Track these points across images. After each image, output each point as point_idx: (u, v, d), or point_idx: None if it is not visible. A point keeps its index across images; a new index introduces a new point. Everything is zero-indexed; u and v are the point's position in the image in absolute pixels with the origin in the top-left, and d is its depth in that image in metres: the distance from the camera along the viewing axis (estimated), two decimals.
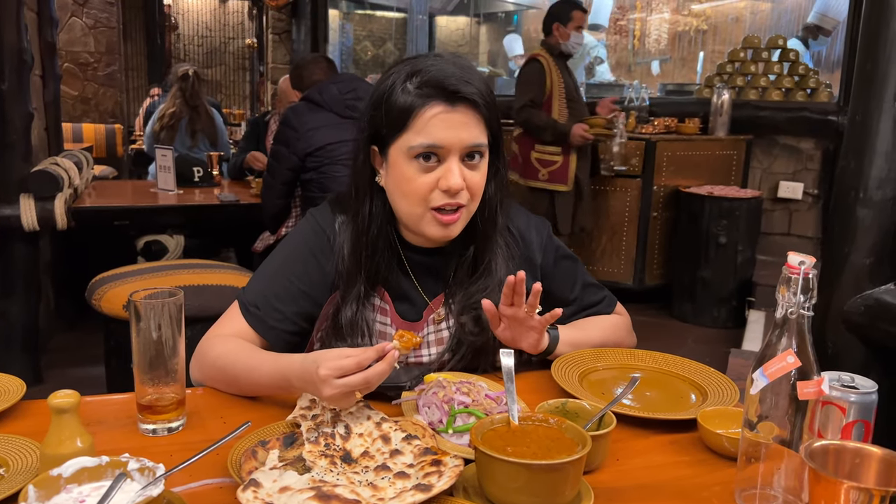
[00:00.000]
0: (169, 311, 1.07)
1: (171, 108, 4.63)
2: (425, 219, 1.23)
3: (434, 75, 1.18)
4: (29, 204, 3.14)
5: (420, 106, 1.18)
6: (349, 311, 1.28)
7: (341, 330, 1.28)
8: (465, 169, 1.21)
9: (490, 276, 1.32)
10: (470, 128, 1.20)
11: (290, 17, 6.85)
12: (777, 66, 5.11)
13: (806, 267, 0.87)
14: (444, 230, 1.23)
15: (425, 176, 1.20)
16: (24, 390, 1.15)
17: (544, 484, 0.86)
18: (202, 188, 4.07)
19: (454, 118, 1.19)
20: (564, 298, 1.44)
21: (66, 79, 6.96)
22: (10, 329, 3.25)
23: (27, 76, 3.24)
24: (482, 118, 1.22)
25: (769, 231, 4.98)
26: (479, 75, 1.23)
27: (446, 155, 1.19)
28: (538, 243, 1.42)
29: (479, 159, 1.23)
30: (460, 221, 1.24)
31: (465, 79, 1.19)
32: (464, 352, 1.32)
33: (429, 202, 1.21)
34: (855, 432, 0.99)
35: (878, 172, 2.33)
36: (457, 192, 1.20)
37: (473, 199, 1.24)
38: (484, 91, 1.21)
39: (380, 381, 1.02)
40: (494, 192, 1.30)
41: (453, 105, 1.19)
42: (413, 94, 1.19)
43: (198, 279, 2.64)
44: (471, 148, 1.20)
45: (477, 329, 1.30)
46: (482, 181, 1.24)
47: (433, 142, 1.18)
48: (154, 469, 0.82)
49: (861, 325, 2.36)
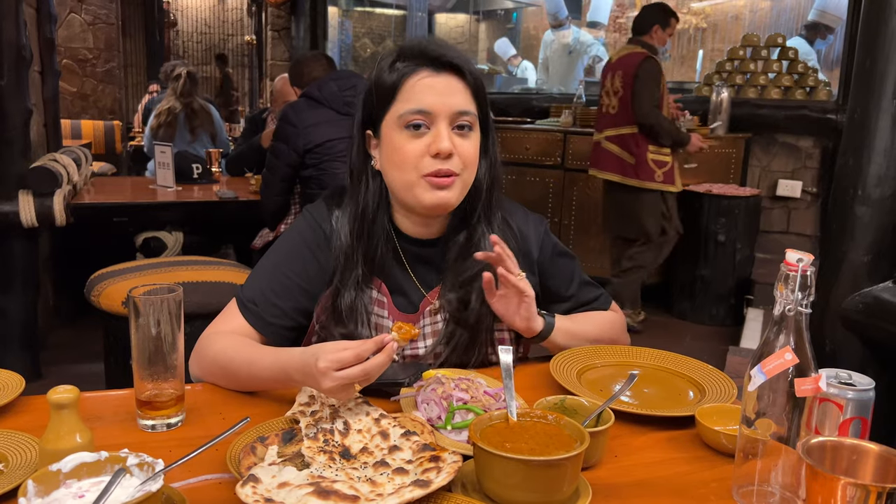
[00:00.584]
0: (168, 308, 1.07)
1: (167, 104, 4.65)
2: (419, 186, 1.23)
3: (416, 46, 1.24)
4: (28, 200, 3.13)
5: (406, 75, 1.22)
6: (348, 297, 1.29)
7: (341, 315, 1.28)
8: (455, 136, 1.23)
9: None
10: (456, 93, 1.22)
11: (290, 14, 6.84)
12: (776, 65, 5.11)
13: (804, 264, 0.87)
14: (437, 194, 1.23)
15: (415, 142, 1.22)
16: (24, 386, 1.15)
17: (542, 480, 0.86)
18: (201, 185, 4.07)
19: (440, 82, 1.22)
20: (561, 294, 1.45)
21: (65, 75, 6.95)
22: (8, 326, 3.25)
23: (26, 72, 3.24)
24: (468, 86, 1.24)
25: (768, 229, 4.99)
26: (462, 52, 1.28)
27: (434, 120, 1.21)
28: (535, 238, 1.42)
29: (469, 130, 1.24)
30: (454, 188, 1.24)
31: (450, 48, 1.25)
32: (456, 342, 1.32)
33: (420, 169, 1.22)
34: (852, 429, 0.99)
35: (877, 170, 2.33)
36: (447, 154, 1.21)
37: (466, 168, 1.25)
38: (468, 62, 1.25)
39: (379, 372, 1.02)
40: (484, 171, 1.32)
41: (437, 71, 1.22)
42: (399, 69, 1.23)
43: (196, 276, 2.64)
44: (459, 114, 1.22)
45: (462, 307, 1.31)
46: (473, 151, 1.26)
47: (421, 106, 1.21)
48: (153, 464, 0.82)
49: (859, 322, 2.36)
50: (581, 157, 4.89)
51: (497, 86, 7.75)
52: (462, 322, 1.31)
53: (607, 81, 4.26)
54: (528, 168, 5.12)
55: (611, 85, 4.23)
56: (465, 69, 1.23)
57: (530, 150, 5.08)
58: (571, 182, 4.98)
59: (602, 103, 4.32)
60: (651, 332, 4.37)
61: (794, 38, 5.56)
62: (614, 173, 4.25)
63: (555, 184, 5.05)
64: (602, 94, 4.32)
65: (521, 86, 7.43)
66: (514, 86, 7.48)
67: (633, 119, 4.11)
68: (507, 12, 9.05)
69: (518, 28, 8.77)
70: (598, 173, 4.37)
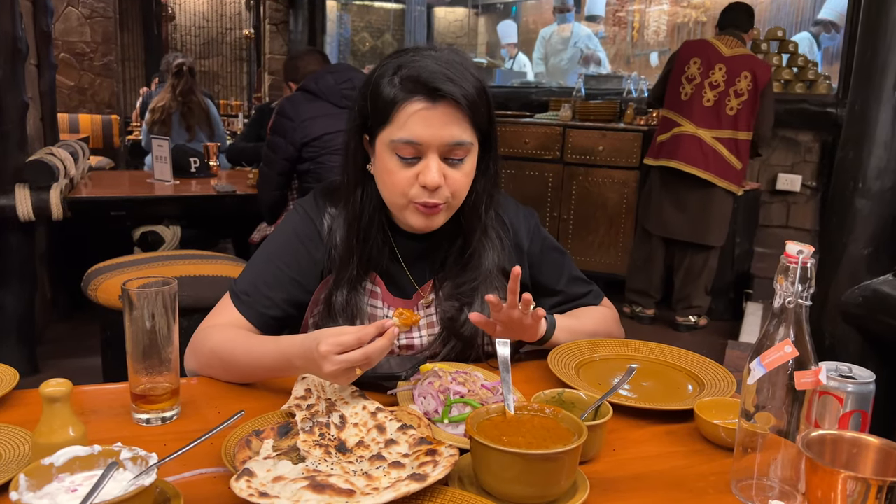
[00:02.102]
0: (163, 301, 1.06)
1: (162, 101, 4.62)
2: (408, 209, 1.25)
3: (417, 71, 1.18)
4: (24, 194, 3.12)
5: (402, 101, 1.19)
6: (340, 296, 1.29)
7: (334, 314, 1.29)
8: (447, 167, 1.21)
9: (478, 269, 1.33)
10: (451, 126, 1.19)
11: (288, 8, 6.82)
12: (776, 58, 5.09)
13: (804, 256, 0.87)
14: (426, 220, 1.25)
15: (406, 170, 1.21)
16: (17, 379, 1.14)
17: (539, 474, 0.85)
18: (199, 178, 4.06)
19: (434, 115, 1.18)
20: (551, 289, 1.46)
21: (62, 69, 6.93)
22: (5, 320, 3.24)
23: (22, 65, 3.22)
24: (466, 117, 1.20)
25: (767, 223, 4.98)
26: (468, 73, 1.21)
27: (425, 151, 1.20)
28: (526, 230, 1.43)
29: (463, 158, 1.22)
30: (442, 214, 1.26)
31: (449, 76, 1.18)
32: (452, 346, 1.33)
33: (409, 196, 1.23)
34: (852, 422, 0.99)
35: (877, 162, 2.32)
36: (434, 188, 1.20)
37: (455, 197, 1.24)
38: (469, 90, 1.19)
39: (380, 356, 1.02)
40: (483, 188, 1.31)
41: (434, 102, 1.18)
42: (397, 88, 1.20)
43: (194, 270, 2.63)
44: (451, 146, 1.20)
45: (462, 320, 1.31)
46: (464, 180, 1.24)
47: (412, 138, 1.19)
48: (147, 458, 0.81)
49: (859, 316, 2.35)
50: (580, 152, 4.88)
51: (496, 79, 7.72)
52: (457, 334, 1.32)
53: (695, 67, 3.97)
54: (527, 162, 5.11)
55: (700, 73, 3.97)
56: (463, 101, 1.19)
57: (529, 145, 5.06)
58: (570, 176, 4.97)
59: (689, 92, 3.98)
60: (650, 327, 4.37)
61: (800, 34, 5.54)
62: (717, 176, 3.98)
63: (554, 178, 5.04)
64: (686, 81, 3.98)
65: (519, 80, 7.40)
66: (513, 80, 7.45)
67: (751, 126, 3.98)
68: (506, 6, 9.01)
69: (518, 22, 8.73)
70: (690, 168, 4.00)
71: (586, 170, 4.88)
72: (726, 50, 3.96)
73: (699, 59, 3.97)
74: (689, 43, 4.11)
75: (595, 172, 4.85)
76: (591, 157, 4.85)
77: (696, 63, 3.96)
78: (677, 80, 4.04)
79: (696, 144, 3.99)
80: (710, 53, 3.97)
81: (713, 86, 3.94)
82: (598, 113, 5.08)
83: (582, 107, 5.16)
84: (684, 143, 4.02)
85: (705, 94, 3.96)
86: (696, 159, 4.00)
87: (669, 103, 4.10)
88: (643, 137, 4.64)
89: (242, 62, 11.13)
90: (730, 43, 4.00)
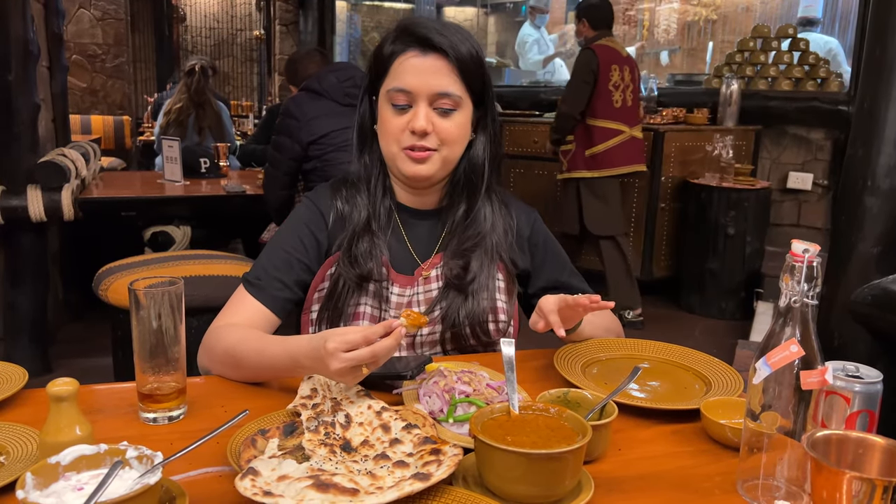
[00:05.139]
0: (169, 300, 1.06)
1: (178, 103, 4.61)
2: (399, 157, 1.33)
3: (413, 26, 1.30)
4: (36, 195, 3.14)
5: (398, 52, 1.31)
6: (364, 243, 1.35)
7: (357, 259, 1.34)
8: (435, 115, 1.30)
9: (479, 227, 1.39)
10: (439, 76, 1.29)
11: (298, 9, 6.84)
12: (787, 56, 5.06)
13: (810, 255, 0.86)
14: (415, 166, 1.32)
15: (398, 118, 1.31)
16: (27, 378, 1.15)
17: (544, 473, 0.85)
18: (209, 179, 4.07)
19: (424, 64, 1.29)
20: (555, 279, 1.49)
21: (74, 71, 6.97)
22: (18, 320, 3.27)
23: (33, 67, 3.24)
24: (454, 69, 1.29)
25: (778, 222, 4.95)
26: (462, 35, 1.31)
27: (415, 99, 1.29)
28: (526, 221, 1.50)
29: (452, 109, 1.30)
30: (432, 161, 1.32)
31: (440, 32, 1.29)
32: (449, 304, 1.36)
33: (400, 142, 1.31)
34: (859, 422, 0.98)
35: (887, 160, 2.30)
36: (422, 133, 1.29)
37: (444, 145, 1.32)
38: (459, 46, 1.29)
39: (387, 355, 1.03)
40: (482, 147, 1.38)
41: (424, 52, 1.29)
42: (394, 44, 1.32)
43: (204, 270, 2.64)
44: (439, 96, 1.28)
45: (463, 273, 1.36)
46: (454, 130, 1.32)
47: (402, 86, 1.29)
48: (152, 457, 0.81)
49: (868, 315, 2.34)
50: None
51: (506, 78, 7.71)
52: (461, 288, 1.36)
53: (616, 74, 4.13)
54: (536, 161, 5.10)
55: (621, 79, 4.14)
56: (451, 52, 1.28)
57: (538, 143, 5.05)
58: None
59: (619, 98, 4.16)
60: (659, 326, 4.35)
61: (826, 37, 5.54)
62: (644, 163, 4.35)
63: None
64: (614, 88, 4.16)
65: (528, 79, 7.39)
66: (522, 79, 7.44)
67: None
68: (515, 6, 9.00)
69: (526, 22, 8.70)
70: (641, 167, 4.31)
71: None
72: (622, 51, 4.26)
73: (616, 65, 4.18)
74: (602, 51, 4.17)
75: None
76: None
77: (616, 70, 4.18)
78: (605, 89, 4.16)
79: (637, 144, 4.30)
80: (618, 58, 4.22)
81: (626, 86, 4.22)
82: None
83: None
84: (631, 147, 4.26)
85: (626, 96, 4.22)
86: (639, 157, 4.31)
87: (603, 113, 4.20)
88: (654, 136, 4.62)
89: (253, 63, 11.17)
90: (618, 44, 4.29)
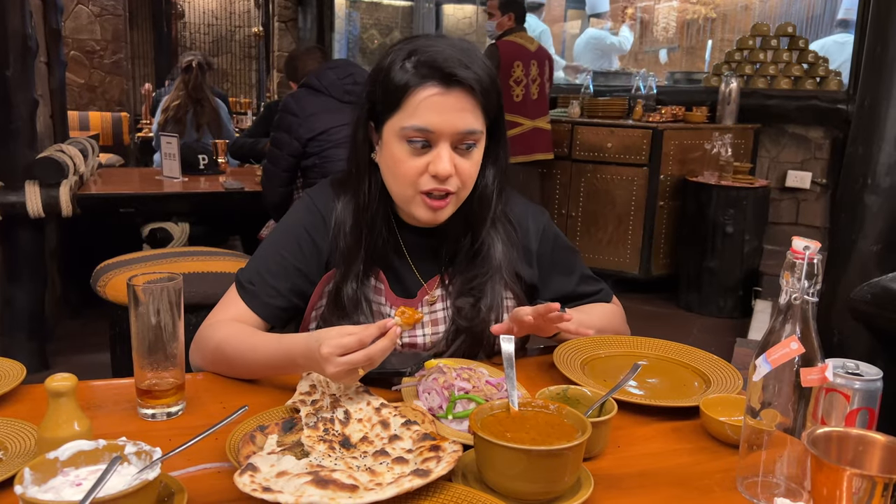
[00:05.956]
0: (168, 296, 1.06)
1: (176, 100, 4.60)
2: (415, 201, 1.23)
3: (432, 56, 1.17)
4: (34, 191, 3.14)
5: (415, 86, 1.17)
6: (350, 288, 1.27)
7: (343, 308, 1.27)
8: (457, 156, 1.20)
9: (489, 262, 1.32)
10: (464, 114, 1.18)
11: (297, 6, 6.82)
12: (786, 54, 5.06)
13: (811, 252, 0.86)
14: (432, 214, 1.23)
15: (415, 159, 1.19)
16: (24, 374, 1.15)
17: (543, 470, 0.85)
18: (207, 176, 4.07)
19: (448, 102, 1.17)
20: (562, 288, 1.44)
21: (72, 67, 6.96)
22: (16, 316, 3.26)
23: (31, 63, 3.24)
24: (478, 104, 1.19)
25: (777, 221, 4.95)
26: (480, 60, 1.20)
27: (437, 140, 1.18)
28: (535, 231, 1.42)
29: (473, 146, 1.21)
30: (450, 207, 1.24)
31: (463, 62, 1.17)
32: (460, 342, 1.32)
33: (418, 186, 1.21)
34: (859, 420, 0.98)
35: (887, 158, 2.30)
36: (445, 178, 1.19)
37: (464, 187, 1.23)
38: (483, 76, 1.18)
39: (383, 356, 1.01)
40: (493, 178, 1.30)
41: (448, 88, 1.17)
42: (409, 73, 1.18)
43: (202, 266, 2.63)
44: (463, 135, 1.19)
45: (473, 314, 1.30)
46: (473, 169, 1.23)
47: (424, 125, 1.17)
48: (151, 453, 0.81)
49: (868, 313, 2.33)
50: (589, 149, 4.87)
51: None
52: (469, 330, 1.31)
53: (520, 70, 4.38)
54: None
55: (524, 74, 4.39)
56: (477, 88, 1.17)
57: None
58: (579, 173, 4.96)
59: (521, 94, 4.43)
60: (658, 325, 4.35)
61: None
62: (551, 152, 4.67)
63: (562, 175, 5.03)
64: (515, 84, 4.40)
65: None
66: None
67: None
68: None
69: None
70: (547, 155, 4.65)
71: (595, 167, 4.87)
72: (531, 46, 4.45)
73: (520, 61, 4.38)
74: (506, 46, 4.41)
75: (604, 169, 4.84)
76: (599, 154, 4.84)
77: (519, 66, 4.38)
78: (505, 84, 4.34)
79: (541, 134, 4.59)
80: (523, 53, 4.40)
81: (532, 80, 4.44)
82: (606, 110, 5.06)
83: (590, 103, 5.14)
84: (532, 137, 4.53)
85: (530, 91, 4.45)
86: (544, 146, 4.61)
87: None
88: (652, 134, 4.62)
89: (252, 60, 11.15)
90: (528, 38, 4.48)
